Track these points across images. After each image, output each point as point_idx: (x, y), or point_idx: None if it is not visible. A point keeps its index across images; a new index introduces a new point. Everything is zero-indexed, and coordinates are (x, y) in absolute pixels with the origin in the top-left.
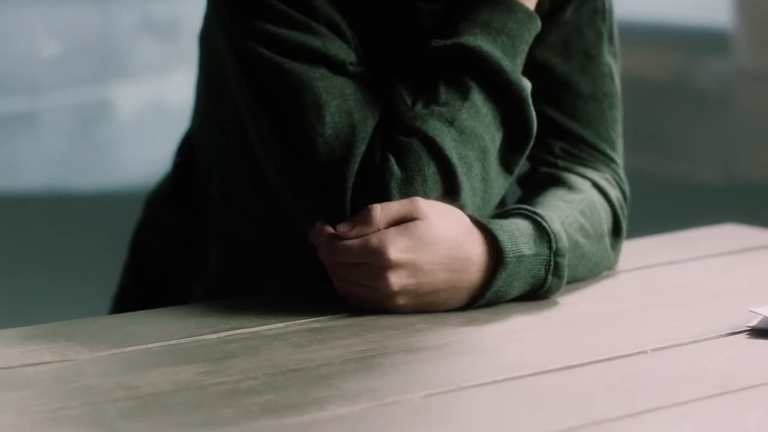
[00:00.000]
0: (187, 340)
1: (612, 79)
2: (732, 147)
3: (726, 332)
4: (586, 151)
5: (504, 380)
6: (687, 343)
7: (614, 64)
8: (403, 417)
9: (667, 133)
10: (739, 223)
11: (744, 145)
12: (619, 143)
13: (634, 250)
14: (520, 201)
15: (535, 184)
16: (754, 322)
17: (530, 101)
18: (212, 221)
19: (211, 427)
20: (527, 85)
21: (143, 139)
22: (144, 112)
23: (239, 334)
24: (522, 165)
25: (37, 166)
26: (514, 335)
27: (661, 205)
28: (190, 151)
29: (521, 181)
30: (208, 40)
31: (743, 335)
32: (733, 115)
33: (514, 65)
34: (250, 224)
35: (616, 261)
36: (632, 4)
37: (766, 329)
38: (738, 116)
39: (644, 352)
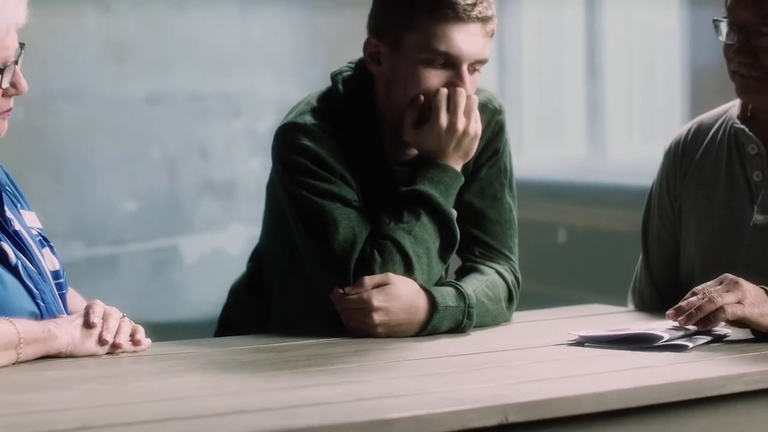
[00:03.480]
0: (261, 345)
1: (510, 211)
2: None
3: (553, 344)
4: (494, 254)
5: (428, 358)
6: (530, 348)
7: (512, 202)
8: (376, 368)
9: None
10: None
11: None
12: (515, 249)
13: (528, 314)
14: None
15: (462, 272)
16: (571, 338)
17: (455, 223)
18: (273, 301)
19: (279, 370)
20: (454, 213)
21: (205, 281)
22: (205, 259)
23: (289, 344)
24: (454, 260)
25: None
26: (438, 344)
27: None
28: (259, 257)
29: (456, 272)
30: (271, 187)
31: (564, 346)
32: None
33: (447, 202)
34: (296, 300)
35: (510, 317)
36: (605, 171)
37: (578, 342)
38: None
39: (506, 350)
